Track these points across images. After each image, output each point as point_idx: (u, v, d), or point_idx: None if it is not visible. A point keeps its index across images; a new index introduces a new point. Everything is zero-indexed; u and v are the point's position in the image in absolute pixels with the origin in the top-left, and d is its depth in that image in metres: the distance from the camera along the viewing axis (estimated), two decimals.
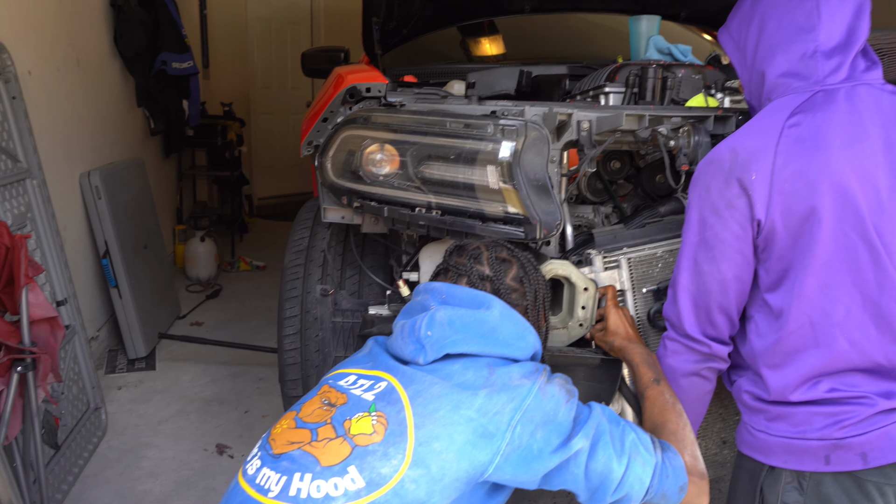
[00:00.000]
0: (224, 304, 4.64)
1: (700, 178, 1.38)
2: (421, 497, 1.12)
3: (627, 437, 1.27)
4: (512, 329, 1.32)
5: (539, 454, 1.19)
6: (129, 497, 2.48)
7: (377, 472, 1.12)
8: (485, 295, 1.33)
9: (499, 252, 1.43)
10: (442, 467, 1.14)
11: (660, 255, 1.74)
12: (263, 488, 1.15)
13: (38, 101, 2.96)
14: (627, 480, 1.23)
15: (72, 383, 2.71)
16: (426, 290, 1.39)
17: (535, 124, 1.62)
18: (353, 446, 1.15)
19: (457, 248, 1.46)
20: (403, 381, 1.24)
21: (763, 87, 1.39)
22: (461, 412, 1.17)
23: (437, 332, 1.27)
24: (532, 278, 1.43)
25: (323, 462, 1.14)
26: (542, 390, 1.23)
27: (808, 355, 1.29)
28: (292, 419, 1.26)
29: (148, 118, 4.59)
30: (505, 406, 1.19)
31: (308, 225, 2.32)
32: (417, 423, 1.16)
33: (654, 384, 1.47)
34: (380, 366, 1.32)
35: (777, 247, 1.29)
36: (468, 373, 1.24)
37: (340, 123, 1.78)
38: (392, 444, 1.15)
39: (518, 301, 1.39)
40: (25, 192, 2.59)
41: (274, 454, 1.20)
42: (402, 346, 1.31)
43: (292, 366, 2.15)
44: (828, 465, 1.29)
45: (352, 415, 1.20)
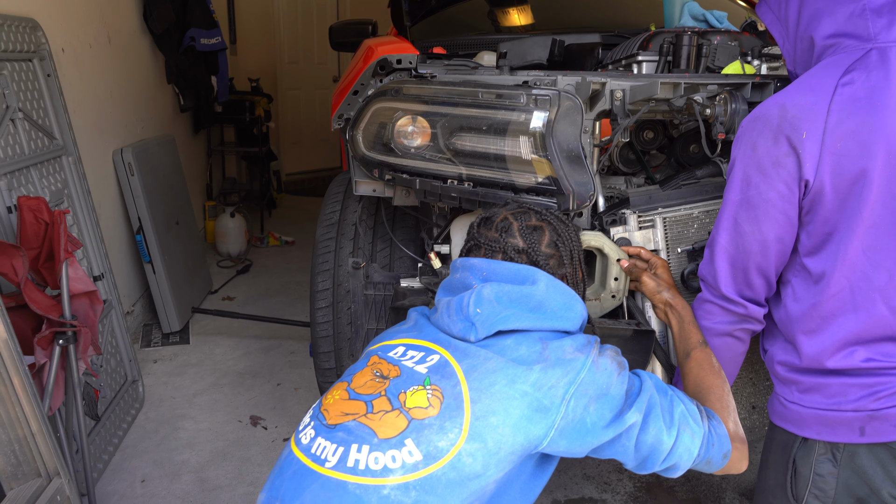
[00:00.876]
0: (254, 279, 4.70)
1: (745, 135, 1.33)
2: (477, 470, 1.13)
3: (676, 408, 1.27)
4: (559, 300, 1.31)
5: (592, 428, 1.20)
6: (167, 466, 2.54)
7: (434, 446, 1.13)
8: (527, 269, 1.32)
9: (528, 219, 1.41)
10: (498, 441, 1.14)
11: (696, 215, 1.72)
12: (320, 458, 1.16)
13: (71, 78, 2.99)
14: (677, 451, 1.24)
15: (109, 357, 2.77)
16: (465, 267, 1.38)
17: (569, 94, 1.61)
18: (410, 419, 1.16)
19: (483, 221, 1.43)
20: (457, 356, 1.24)
21: (812, 52, 1.34)
22: (517, 387, 1.18)
23: (487, 309, 1.26)
24: (566, 238, 1.41)
25: (380, 434, 1.15)
26: (595, 364, 1.23)
27: (846, 320, 1.27)
28: (344, 390, 1.26)
29: (177, 95, 4.62)
30: (559, 380, 1.19)
31: (339, 199, 2.33)
32: (473, 397, 1.17)
33: (702, 346, 1.46)
34: (428, 337, 1.32)
35: (823, 209, 1.26)
36: (521, 348, 1.24)
37: (371, 96, 1.78)
38: (448, 419, 1.15)
39: (557, 268, 1.39)
40: (62, 169, 2.63)
41: (328, 424, 1.20)
42: (451, 324, 1.30)
43: (325, 338, 2.17)
44: (862, 437, 1.27)
45: (406, 388, 1.21)
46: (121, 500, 2.36)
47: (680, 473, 1.29)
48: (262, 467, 2.55)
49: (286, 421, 2.87)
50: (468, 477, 1.13)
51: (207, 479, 2.48)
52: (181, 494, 2.39)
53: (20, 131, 2.36)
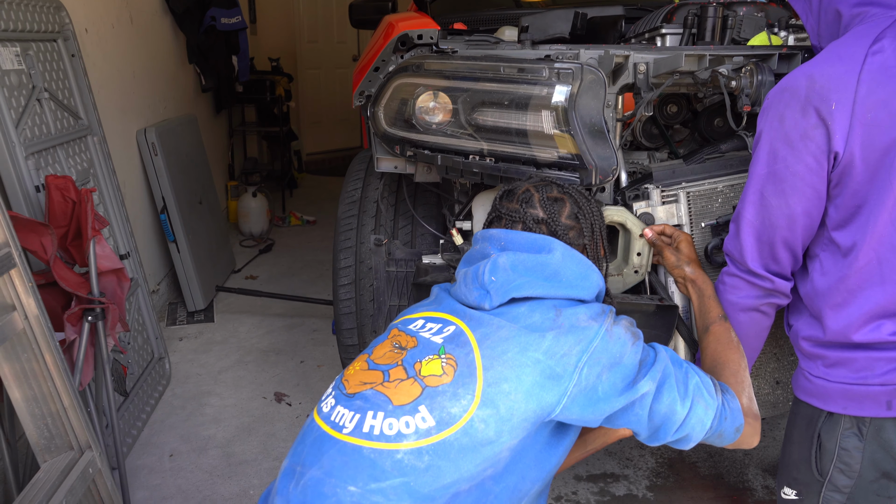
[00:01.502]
0: (277, 258, 4.73)
1: (772, 107, 1.31)
2: (490, 436, 1.15)
3: (691, 380, 1.28)
4: (575, 270, 1.32)
5: (605, 396, 1.21)
6: (194, 441, 2.59)
7: (447, 412, 1.16)
8: (544, 238, 1.33)
9: (549, 191, 1.41)
10: (510, 407, 1.16)
11: (720, 189, 1.70)
12: (338, 425, 1.20)
13: (94, 58, 3.02)
14: (689, 422, 1.25)
15: (136, 334, 2.81)
16: (484, 238, 1.40)
17: (591, 67, 1.59)
18: (424, 387, 1.19)
19: (506, 193, 1.45)
20: (471, 325, 1.26)
21: (838, 23, 1.32)
22: (529, 354, 1.19)
23: (501, 277, 1.28)
24: (586, 211, 1.42)
25: (395, 401, 1.18)
26: (608, 332, 1.24)
27: (873, 292, 1.26)
28: (364, 361, 1.30)
29: (199, 75, 4.64)
30: (572, 348, 1.20)
31: (360, 176, 2.34)
32: (486, 364, 1.19)
33: (721, 320, 1.46)
34: (446, 309, 1.34)
35: (853, 181, 1.24)
36: (535, 315, 1.25)
37: (392, 72, 1.78)
38: (461, 385, 1.17)
39: (576, 239, 1.39)
40: (87, 149, 2.66)
41: (348, 393, 1.24)
42: (467, 293, 1.33)
43: (347, 315, 2.19)
44: (889, 411, 1.26)
45: (422, 357, 1.24)
46: (150, 474, 2.41)
47: (691, 445, 1.29)
48: (287, 442, 2.58)
49: (310, 397, 2.90)
50: (481, 443, 1.15)
51: (233, 453, 2.52)
52: (208, 468, 2.44)
53: (46, 111, 2.39)
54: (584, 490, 2.30)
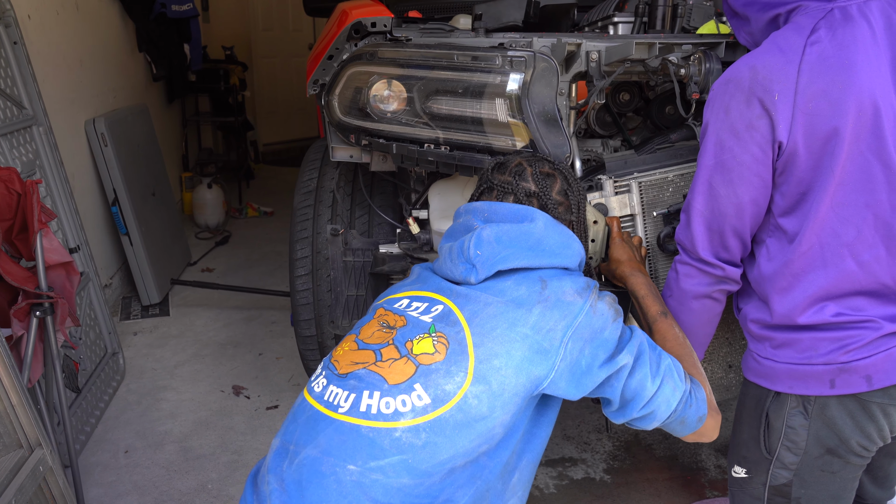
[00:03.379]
0: (233, 250, 4.67)
1: (717, 98, 1.34)
2: (483, 412, 1.17)
3: (664, 361, 1.32)
4: (557, 238, 1.34)
5: (588, 369, 1.24)
6: (150, 437, 2.55)
7: (442, 389, 1.17)
8: (526, 208, 1.35)
9: (541, 166, 1.43)
10: (502, 383, 1.19)
11: (671, 179, 1.73)
12: (333, 404, 1.21)
13: (39, 46, 2.93)
14: (656, 400, 1.29)
15: (89, 329, 2.75)
16: (467, 211, 1.41)
17: (544, 55, 1.60)
18: (418, 365, 1.20)
19: (498, 166, 1.46)
20: (459, 303, 1.28)
21: (776, 24, 1.35)
22: (517, 329, 1.22)
23: (486, 250, 1.30)
24: (575, 189, 1.45)
25: (390, 380, 1.19)
26: (592, 307, 1.27)
27: (815, 276, 1.29)
28: (353, 342, 1.30)
29: (150, 63, 4.53)
30: (558, 323, 1.23)
31: (316, 166, 2.31)
32: (476, 342, 1.21)
33: (662, 317, 1.49)
34: (432, 287, 1.35)
35: (797, 169, 1.27)
36: (521, 288, 1.27)
37: (346, 60, 1.76)
38: (454, 363, 1.19)
39: (564, 215, 1.42)
40: (32, 140, 2.58)
41: (340, 374, 1.25)
42: (452, 268, 1.34)
43: (305, 306, 2.17)
44: (833, 389, 1.30)
45: (413, 336, 1.25)
46: (104, 471, 2.37)
47: (654, 425, 1.33)
48: (245, 436, 2.56)
49: (268, 390, 2.88)
50: (475, 418, 1.17)
51: (191, 448, 2.49)
52: (165, 464, 2.40)
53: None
54: (542, 475, 2.33)
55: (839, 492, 1.41)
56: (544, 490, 2.27)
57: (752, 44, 1.44)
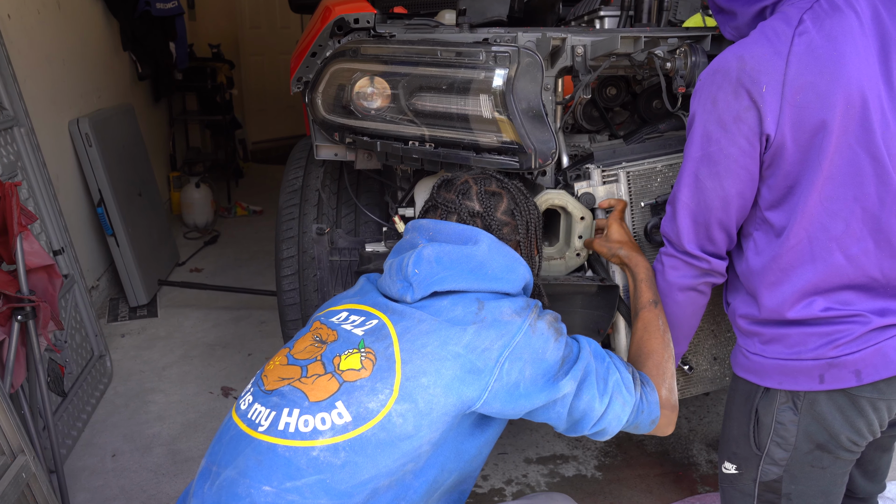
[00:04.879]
0: (222, 249, 4.64)
1: (704, 89, 1.32)
2: (408, 431, 1.14)
3: (611, 377, 1.29)
4: (501, 262, 1.30)
5: (526, 392, 1.21)
6: (138, 440, 2.52)
7: (364, 407, 1.14)
8: (472, 229, 1.32)
9: (488, 185, 1.40)
10: (429, 402, 1.15)
11: (659, 169, 1.72)
12: (254, 423, 1.18)
13: (20, 45, 2.89)
14: (606, 417, 1.28)
15: (74, 332, 2.72)
16: (414, 228, 1.38)
17: (529, 50, 1.58)
18: (341, 382, 1.17)
19: (444, 183, 1.43)
20: (393, 318, 1.25)
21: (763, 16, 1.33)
22: (449, 348, 1.18)
23: (425, 269, 1.26)
24: (523, 209, 1.41)
25: (311, 397, 1.16)
26: (532, 327, 1.23)
27: (804, 270, 1.29)
28: (284, 356, 1.27)
29: (135, 62, 4.49)
30: (494, 342, 1.20)
31: (301, 164, 2.29)
32: (405, 358, 1.17)
33: (652, 306, 1.47)
34: (369, 301, 1.32)
35: (785, 163, 1.26)
36: (457, 308, 1.24)
37: (329, 57, 1.74)
38: (380, 380, 1.16)
39: (510, 235, 1.38)
40: (14, 141, 2.55)
41: (265, 390, 1.22)
42: (391, 285, 1.31)
43: (292, 306, 2.15)
44: (822, 384, 1.30)
45: (341, 351, 1.22)
46: (91, 475, 2.34)
47: (608, 438, 1.32)
48: None
49: None
50: (399, 437, 1.13)
51: (179, 450, 2.47)
52: (153, 467, 2.38)
53: None
54: (533, 472, 2.32)
55: (829, 486, 1.41)
56: (535, 488, 2.26)
57: (738, 38, 1.42)
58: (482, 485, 2.27)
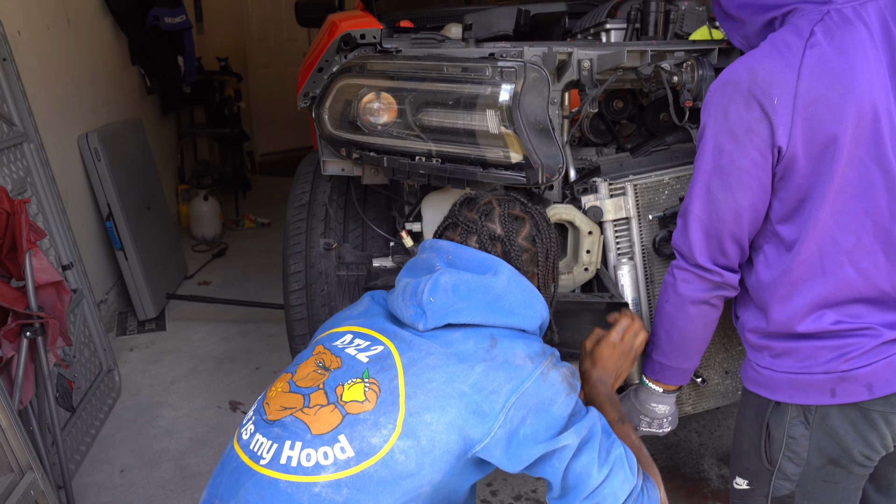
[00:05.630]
0: (230, 262, 4.65)
1: (715, 100, 1.30)
2: (410, 469, 1.11)
3: (615, 450, 1.21)
4: (519, 297, 1.26)
5: (524, 441, 1.16)
6: (146, 455, 2.52)
7: (367, 442, 1.11)
8: (493, 259, 1.27)
9: (511, 208, 1.35)
10: (431, 439, 1.12)
11: (666, 181, 1.71)
12: (256, 455, 1.15)
13: (29, 62, 2.91)
14: (603, 491, 1.18)
15: (83, 346, 2.73)
16: (432, 248, 1.33)
17: (535, 65, 1.58)
18: (345, 414, 1.14)
19: (467, 201, 1.38)
20: (400, 348, 1.21)
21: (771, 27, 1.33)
22: (455, 385, 1.14)
23: (441, 298, 1.22)
24: (545, 236, 1.37)
25: (314, 430, 1.13)
26: (543, 376, 1.18)
27: (814, 284, 1.27)
28: (287, 382, 1.24)
29: (143, 76, 4.52)
30: (502, 386, 1.15)
31: (309, 179, 2.30)
32: (409, 392, 1.14)
33: (619, 423, 1.39)
34: (376, 326, 1.28)
35: (796, 176, 1.25)
36: (469, 343, 1.19)
37: (336, 73, 1.74)
38: (383, 414, 1.13)
39: (528, 263, 1.34)
40: (23, 157, 2.56)
41: (267, 420, 1.19)
42: (403, 308, 1.26)
43: (299, 321, 2.15)
44: (833, 398, 1.28)
45: (345, 380, 1.18)
46: (99, 491, 2.34)
47: None
48: None
49: None
50: (400, 475, 1.10)
51: (187, 466, 2.46)
52: (161, 483, 2.38)
53: None
54: (542, 488, 2.31)
55: (842, 502, 1.39)
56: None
57: (746, 46, 1.42)
58: (491, 500, 2.26)
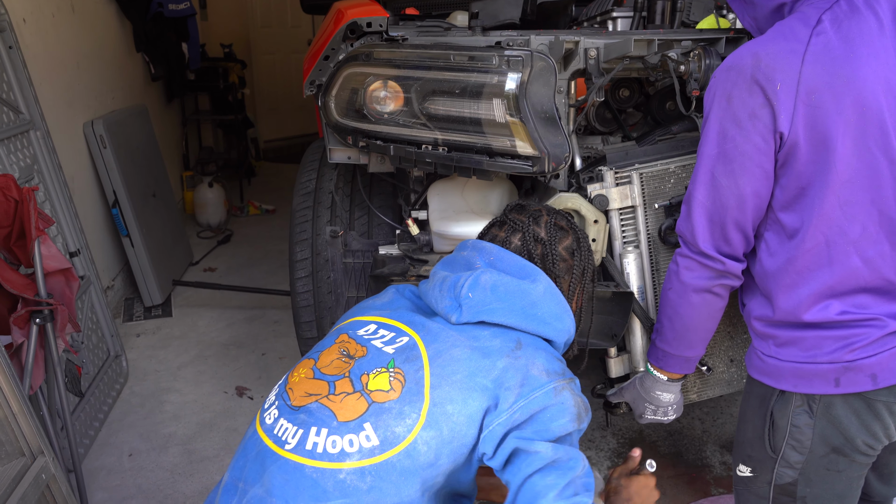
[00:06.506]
0: (236, 248, 4.66)
1: (719, 86, 1.31)
2: (430, 459, 1.13)
3: (583, 499, 1.15)
4: (553, 308, 1.28)
5: (511, 436, 1.15)
6: (154, 440, 2.55)
7: (391, 431, 1.13)
8: (532, 267, 1.30)
9: (558, 219, 1.40)
10: (452, 430, 1.14)
11: (672, 170, 1.72)
12: (281, 440, 1.16)
13: (35, 49, 2.91)
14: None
15: (91, 332, 2.75)
16: (475, 247, 1.35)
17: (541, 54, 1.58)
18: (370, 402, 1.15)
19: (518, 206, 1.42)
20: (426, 339, 1.23)
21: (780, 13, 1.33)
22: (477, 380, 1.16)
23: (479, 295, 1.24)
24: (584, 254, 1.40)
25: (340, 417, 1.15)
26: (556, 391, 1.18)
27: (821, 273, 1.28)
28: (310, 369, 1.25)
29: (148, 63, 4.52)
30: (515, 387, 1.16)
31: (315, 167, 2.30)
32: (434, 383, 1.16)
33: None
34: (402, 318, 1.30)
35: (797, 163, 1.25)
36: (496, 340, 1.22)
37: (342, 61, 1.74)
38: (408, 403, 1.14)
39: (563, 274, 1.36)
40: (30, 144, 2.57)
41: (292, 406, 1.20)
42: (439, 299, 1.29)
43: (306, 308, 2.16)
44: (838, 388, 1.29)
45: (370, 369, 1.20)
46: (109, 475, 2.36)
47: None
48: None
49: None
50: (422, 466, 1.12)
51: (195, 450, 2.49)
52: (169, 467, 2.40)
53: None
54: None
55: (845, 490, 1.40)
56: None
57: (755, 30, 1.42)
58: None
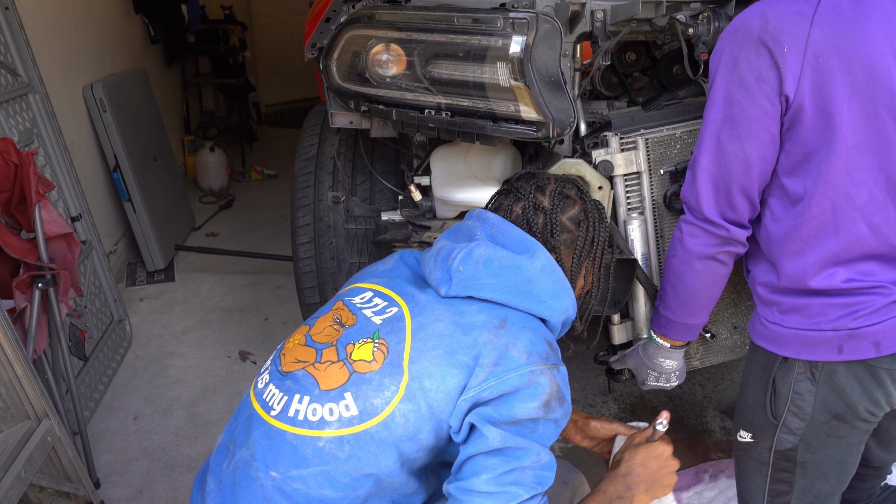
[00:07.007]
0: (238, 213, 4.65)
1: (725, 48, 1.28)
2: (410, 432, 1.13)
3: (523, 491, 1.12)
4: (549, 286, 1.23)
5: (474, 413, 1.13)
6: (158, 403, 2.57)
7: (370, 402, 1.13)
8: (534, 242, 1.25)
9: (566, 188, 1.33)
10: (430, 405, 1.13)
11: (678, 135, 1.69)
12: (268, 405, 1.19)
13: (31, 10, 2.87)
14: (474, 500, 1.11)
15: (94, 297, 2.75)
16: (479, 217, 1.32)
17: (547, 16, 1.55)
18: (352, 372, 1.16)
19: (527, 174, 1.37)
20: (414, 311, 1.22)
21: None
22: (457, 357, 1.14)
23: (470, 269, 1.21)
24: (592, 225, 1.32)
25: (322, 385, 1.16)
26: (531, 375, 1.13)
27: (827, 240, 1.27)
28: (304, 335, 1.26)
29: (147, 25, 4.46)
30: (488, 365, 1.14)
31: (316, 132, 2.28)
32: (413, 357, 1.15)
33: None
34: (396, 288, 1.29)
35: (802, 127, 1.23)
36: (480, 316, 1.19)
37: (343, 23, 1.71)
38: (388, 375, 1.14)
39: (565, 245, 1.30)
40: (29, 108, 2.55)
41: (282, 371, 1.22)
42: (432, 270, 1.27)
43: (308, 273, 2.16)
44: (841, 355, 1.29)
45: (356, 339, 1.20)
46: (114, 437, 2.39)
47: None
48: None
49: None
50: (400, 438, 1.12)
51: (199, 413, 2.51)
52: (173, 430, 2.42)
53: None
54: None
55: (845, 456, 1.41)
56: None
57: None
58: None
